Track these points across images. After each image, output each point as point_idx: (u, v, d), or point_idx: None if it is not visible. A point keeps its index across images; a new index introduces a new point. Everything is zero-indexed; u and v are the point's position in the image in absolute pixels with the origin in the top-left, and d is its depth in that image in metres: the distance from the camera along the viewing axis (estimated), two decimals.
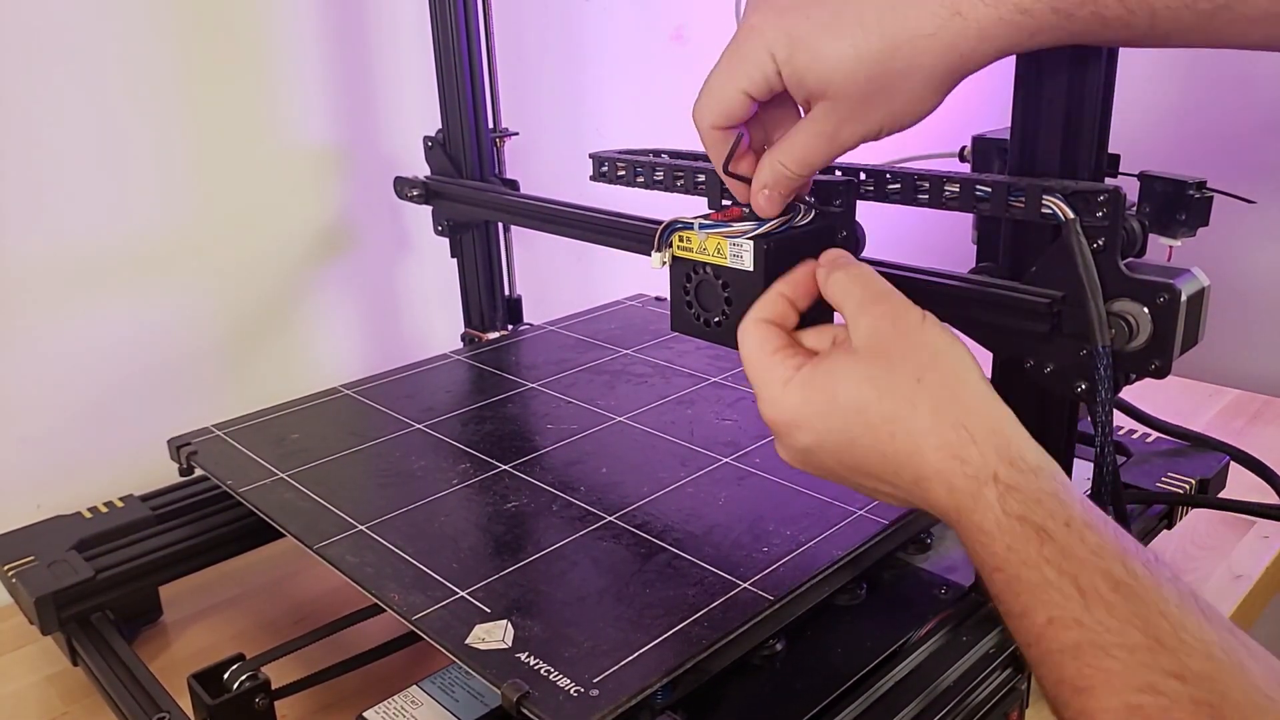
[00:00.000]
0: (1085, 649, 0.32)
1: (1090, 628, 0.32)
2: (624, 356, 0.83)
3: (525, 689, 0.43)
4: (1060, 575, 0.34)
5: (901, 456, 0.40)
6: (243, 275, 0.88)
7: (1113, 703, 0.31)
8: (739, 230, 0.48)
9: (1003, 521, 0.36)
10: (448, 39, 0.82)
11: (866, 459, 0.41)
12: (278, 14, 0.86)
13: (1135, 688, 0.31)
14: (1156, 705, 0.30)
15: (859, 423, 0.40)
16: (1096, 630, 0.32)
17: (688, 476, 0.63)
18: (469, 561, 0.54)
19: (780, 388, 0.43)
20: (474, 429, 0.71)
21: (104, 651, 0.60)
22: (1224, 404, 0.99)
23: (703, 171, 0.57)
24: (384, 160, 0.94)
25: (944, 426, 0.39)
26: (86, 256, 0.79)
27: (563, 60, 1.09)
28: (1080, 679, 0.32)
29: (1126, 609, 0.32)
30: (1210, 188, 0.52)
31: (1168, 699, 0.30)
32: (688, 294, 0.53)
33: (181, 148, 0.82)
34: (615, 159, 0.62)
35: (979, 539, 0.37)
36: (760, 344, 0.45)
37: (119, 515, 0.70)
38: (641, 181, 0.60)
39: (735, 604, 0.49)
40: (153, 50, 0.79)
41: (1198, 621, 0.32)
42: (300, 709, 0.60)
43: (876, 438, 0.40)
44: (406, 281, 1.01)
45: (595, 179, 0.63)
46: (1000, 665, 0.53)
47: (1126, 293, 0.45)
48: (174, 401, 0.85)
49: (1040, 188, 0.45)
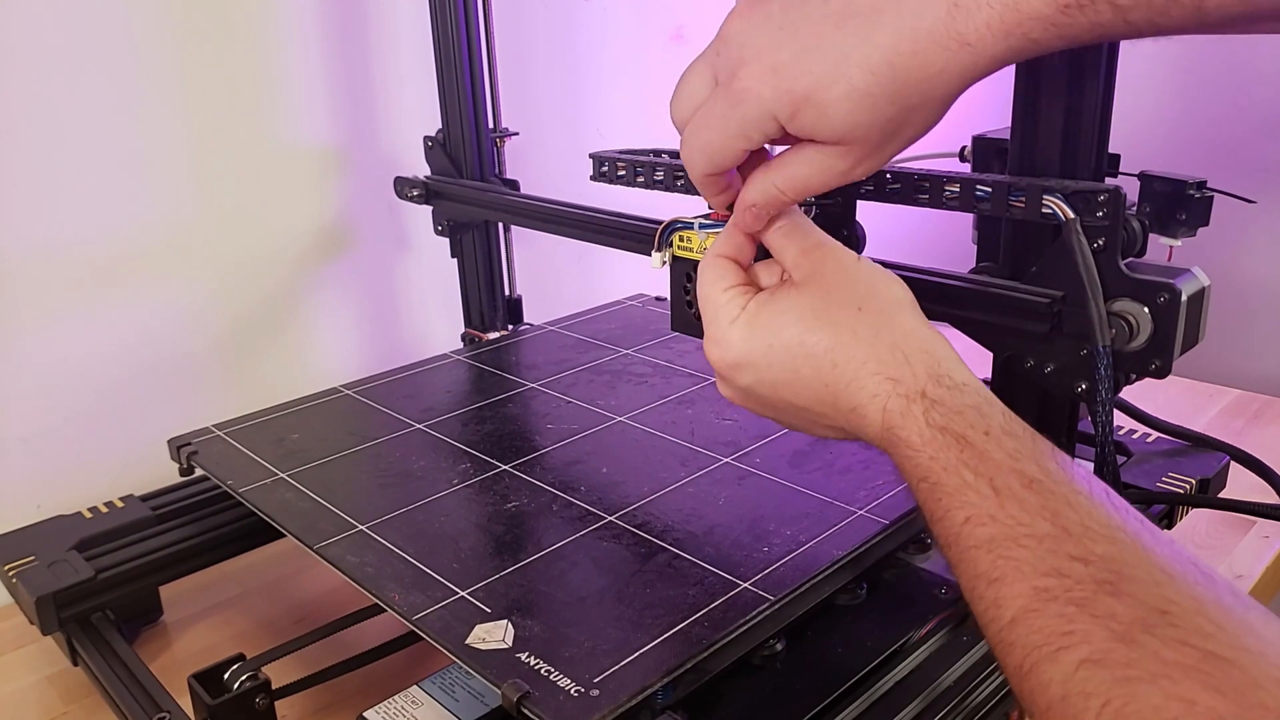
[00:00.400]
0: (998, 542, 0.34)
1: (1003, 522, 0.34)
2: (624, 356, 0.83)
3: (525, 689, 0.43)
4: (977, 478, 0.36)
5: (840, 385, 0.41)
6: (243, 275, 0.88)
7: (1022, 588, 0.33)
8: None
9: (926, 433, 0.38)
10: (448, 39, 0.82)
11: (807, 389, 0.42)
12: (278, 14, 0.86)
13: (1042, 572, 0.32)
14: (1061, 586, 0.31)
15: (801, 354, 0.42)
16: (1008, 524, 0.34)
17: (688, 476, 0.63)
18: (469, 561, 0.54)
19: (726, 327, 0.44)
20: (474, 429, 0.71)
21: (104, 651, 0.60)
22: (1224, 404, 0.99)
23: None
24: (384, 160, 0.94)
25: (881, 350, 0.41)
26: (86, 257, 0.79)
27: (563, 60, 1.09)
28: (993, 570, 0.34)
29: (1036, 502, 0.34)
30: (1210, 188, 0.52)
31: (1071, 580, 0.31)
32: (688, 294, 0.53)
33: (182, 148, 0.82)
34: (615, 159, 0.62)
35: (906, 453, 0.39)
36: (715, 280, 0.46)
37: (119, 515, 0.70)
38: (642, 181, 0.60)
39: (735, 604, 0.49)
40: (153, 50, 0.79)
41: (1105, 511, 0.33)
42: (300, 709, 0.60)
43: (818, 367, 0.42)
44: (406, 281, 1.01)
45: (595, 179, 0.63)
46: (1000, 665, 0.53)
47: (1127, 293, 0.45)
48: (174, 401, 0.85)
49: (1040, 188, 0.45)
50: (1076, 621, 0.30)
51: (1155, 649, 0.28)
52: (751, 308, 0.44)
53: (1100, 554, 0.32)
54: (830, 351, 0.41)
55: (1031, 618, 0.32)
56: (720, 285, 0.45)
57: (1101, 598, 0.30)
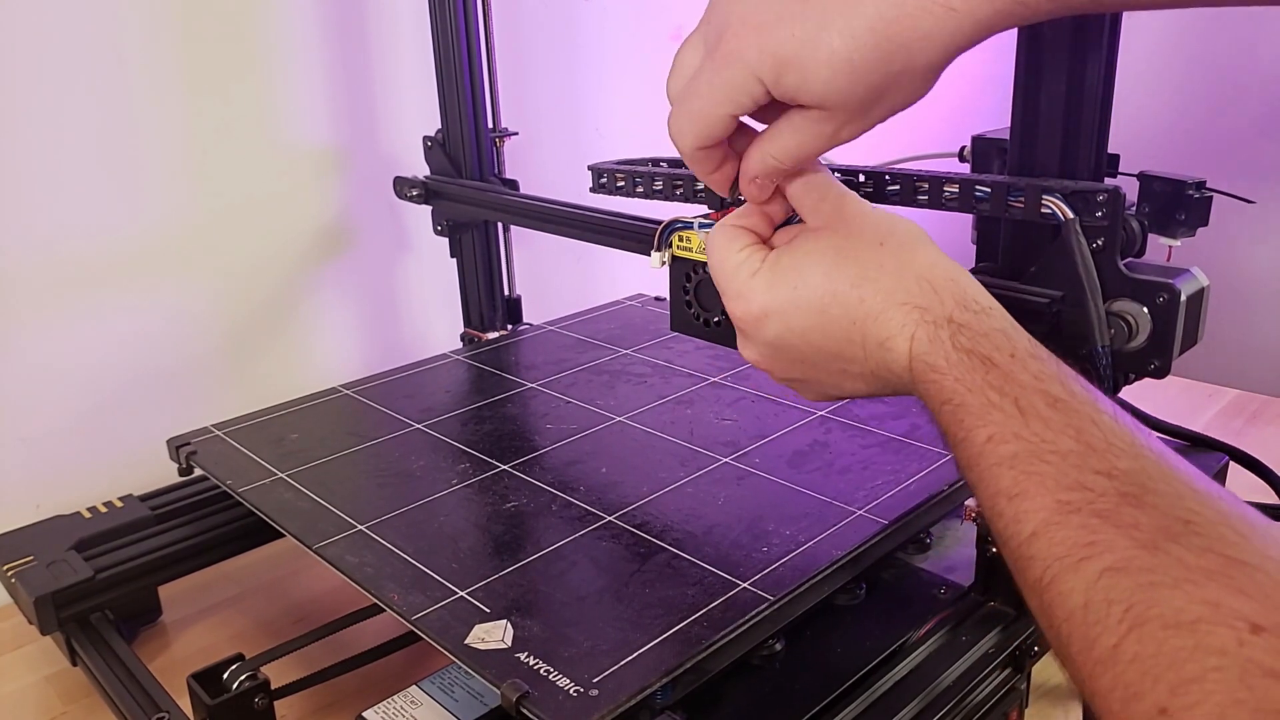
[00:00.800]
0: (1021, 458, 0.34)
1: (1027, 439, 0.34)
2: (624, 356, 0.83)
3: (525, 689, 0.43)
4: (1002, 397, 0.36)
5: (870, 320, 0.41)
6: (242, 275, 0.88)
7: (1044, 501, 0.33)
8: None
9: (952, 356, 0.38)
10: (448, 39, 0.82)
11: (837, 328, 0.42)
12: (278, 14, 0.86)
13: (1065, 486, 0.32)
14: (1084, 499, 0.32)
15: (828, 293, 0.42)
16: (1032, 441, 0.34)
17: (687, 476, 0.63)
18: (468, 561, 0.54)
19: (748, 279, 0.44)
20: (473, 429, 0.71)
21: (103, 651, 0.60)
22: (1224, 404, 0.99)
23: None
24: (384, 160, 0.94)
25: (908, 281, 0.41)
26: (86, 257, 0.79)
27: (563, 60, 1.09)
28: (1015, 486, 0.34)
29: (1061, 420, 0.34)
30: (1210, 188, 0.52)
31: (1095, 493, 0.31)
32: (687, 294, 0.53)
33: (181, 147, 0.82)
34: (614, 170, 0.62)
35: (932, 378, 0.39)
36: (727, 244, 0.45)
37: (118, 515, 0.70)
38: (641, 192, 0.60)
39: (735, 604, 0.49)
40: (152, 50, 0.79)
41: (1129, 431, 0.34)
42: (300, 709, 0.60)
43: (846, 304, 0.42)
44: (406, 281, 1.01)
45: (595, 190, 0.63)
46: (1000, 665, 0.53)
47: (1126, 293, 0.45)
48: (174, 401, 0.85)
49: (1040, 188, 0.45)
50: (1099, 532, 0.30)
51: (1179, 555, 0.28)
52: (772, 257, 0.44)
53: (1124, 469, 0.32)
54: (857, 287, 0.41)
55: (1053, 530, 0.32)
56: (734, 247, 0.45)
57: (1125, 509, 0.31)
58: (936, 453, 0.64)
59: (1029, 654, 0.55)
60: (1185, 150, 1.25)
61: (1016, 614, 0.55)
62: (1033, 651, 0.55)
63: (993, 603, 0.56)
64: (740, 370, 0.79)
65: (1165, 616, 0.27)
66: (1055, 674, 0.60)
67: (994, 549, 0.54)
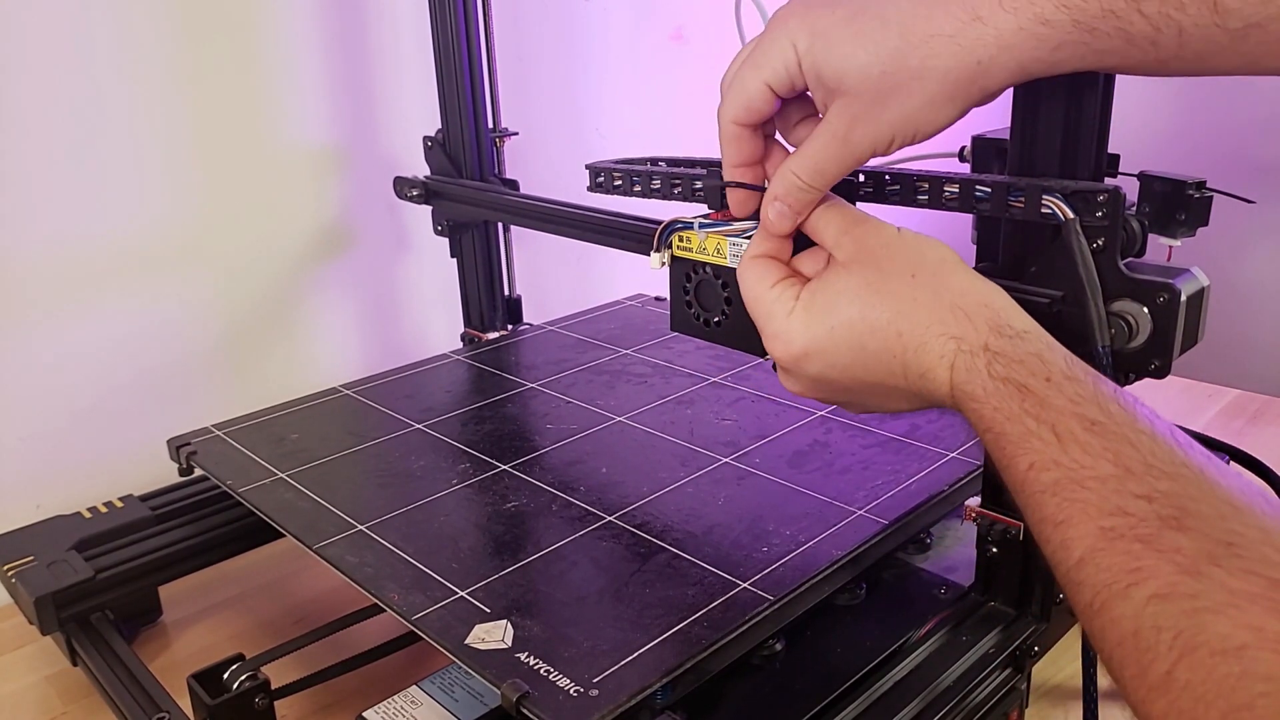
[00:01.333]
0: (1062, 485, 0.35)
1: (1066, 466, 0.35)
2: (624, 356, 0.83)
3: (525, 689, 0.43)
4: (1040, 424, 0.36)
5: (909, 354, 0.41)
6: (243, 275, 0.88)
7: (1088, 528, 0.33)
8: (739, 229, 0.48)
9: (989, 385, 0.39)
10: (448, 39, 0.82)
11: (877, 363, 0.43)
12: (277, 14, 0.86)
13: (1107, 512, 0.33)
14: (1126, 524, 0.32)
15: (865, 330, 0.42)
16: (1072, 468, 0.35)
17: (687, 476, 0.63)
18: (469, 561, 0.54)
19: (784, 320, 0.44)
20: (473, 429, 0.71)
21: (104, 651, 0.60)
22: (1224, 404, 0.99)
23: (699, 177, 0.57)
24: (384, 160, 0.94)
25: (942, 312, 0.41)
26: (86, 256, 0.79)
27: (563, 60, 1.09)
28: (1059, 513, 0.34)
29: (1099, 445, 0.35)
30: (1210, 188, 0.52)
31: (1136, 517, 0.32)
32: (688, 294, 0.53)
33: (181, 147, 0.82)
34: (612, 169, 0.62)
35: (972, 406, 0.39)
36: (759, 279, 0.46)
37: (119, 515, 0.70)
38: (639, 191, 0.60)
39: (735, 604, 0.49)
40: (152, 50, 0.79)
41: (1169, 447, 0.34)
42: (300, 709, 0.60)
43: (884, 339, 0.42)
44: (406, 281, 1.01)
45: (592, 189, 0.63)
46: (1000, 665, 0.53)
47: (1126, 293, 0.45)
48: (174, 401, 0.85)
49: (1040, 188, 0.45)
50: (1143, 558, 0.31)
51: (1221, 580, 0.29)
52: (805, 296, 0.44)
53: (1164, 490, 0.32)
54: (893, 322, 0.42)
55: (1099, 556, 0.32)
56: (766, 283, 0.46)
57: (1166, 533, 0.31)
58: (937, 453, 0.64)
59: (1029, 654, 0.55)
60: (1185, 150, 1.25)
61: (1016, 614, 0.55)
62: (1033, 651, 0.55)
63: (993, 603, 0.56)
64: (740, 370, 0.79)
65: (1212, 643, 0.28)
66: (1055, 674, 0.60)
67: (994, 549, 0.54)
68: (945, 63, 0.39)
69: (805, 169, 0.44)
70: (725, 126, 0.46)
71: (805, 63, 0.42)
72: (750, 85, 0.44)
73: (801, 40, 0.41)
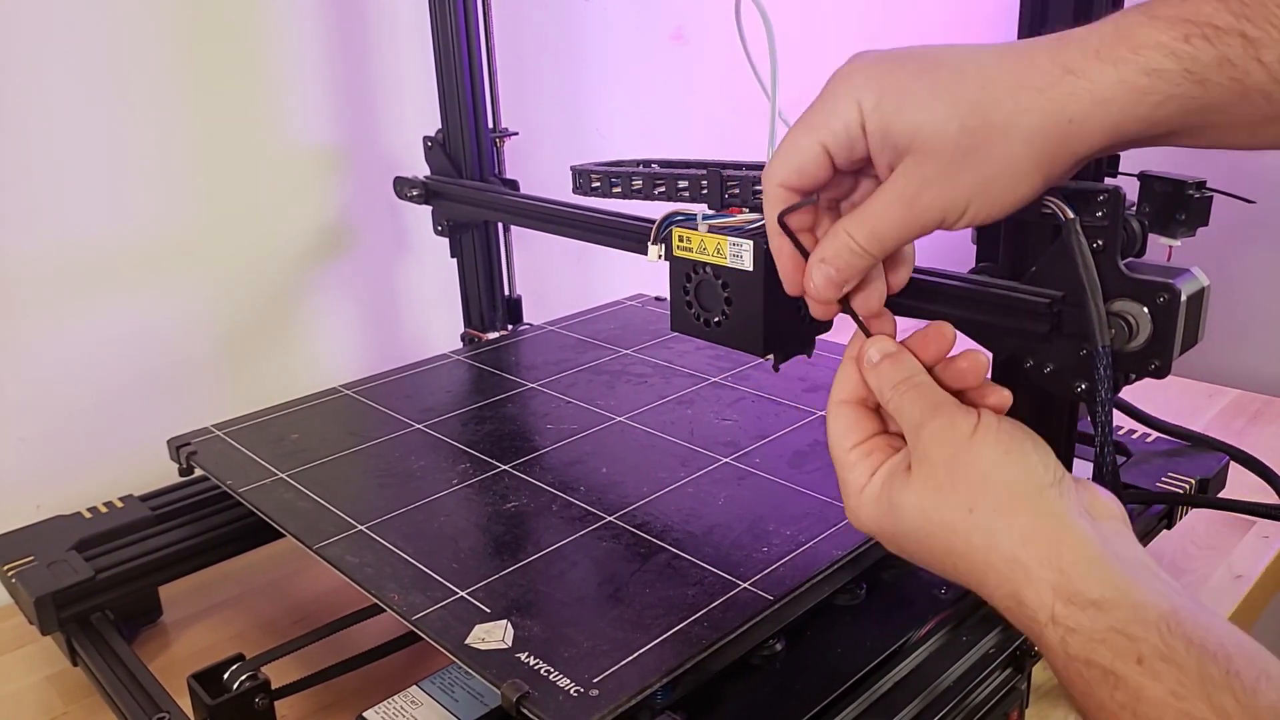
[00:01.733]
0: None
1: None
2: (624, 356, 0.83)
3: (525, 689, 0.43)
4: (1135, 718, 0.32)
5: (973, 581, 0.39)
6: (243, 275, 0.88)
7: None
8: (740, 221, 0.48)
9: (1069, 665, 0.34)
10: (448, 39, 0.82)
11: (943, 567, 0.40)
12: (277, 14, 0.86)
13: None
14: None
15: (926, 544, 0.40)
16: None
17: (687, 476, 0.63)
18: (469, 561, 0.54)
19: (856, 496, 0.42)
20: (474, 429, 0.71)
21: (104, 651, 0.60)
22: (1224, 404, 0.99)
23: (685, 177, 0.57)
24: (384, 160, 0.94)
25: (998, 562, 0.37)
26: (87, 256, 0.79)
27: (563, 60, 1.09)
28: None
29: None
30: (1210, 188, 0.52)
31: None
32: (688, 294, 0.53)
33: (182, 148, 0.82)
34: (591, 170, 0.61)
35: (1055, 670, 0.36)
36: (843, 435, 0.43)
37: (119, 515, 0.70)
38: (618, 192, 0.59)
39: (735, 604, 0.49)
40: (152, 50, 0.79)
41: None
42: (300, 709, 0.60)
43: (945, 559, 0.39)
44: (406, 281, 1.01)
45: (576, 191, 0.63)
46: (1000, 665, 0.53)
47: (1126, 293, 0.45)
48: (174, 401, 0.85)
49: None
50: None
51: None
52: (874, 486, 0.41)
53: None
54: (950, 554, 0.39)
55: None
56: (845, 443, 0.42)
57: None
58: None
59: (1029, 654, 0.55)
60: (1185, 150, 1.25)
61: None
62: (1033, 652, 0.55)
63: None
64: (740, 370, 0.79)
65: None
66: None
67: None
68: (1032, 119, 0.35)
69: (862, 232, 0.39)
70: (771, 190, 0.40)
71: (871, 122, 0.37)
72: (804, 146, 0.39)
73: (868, 98, 0.37)
